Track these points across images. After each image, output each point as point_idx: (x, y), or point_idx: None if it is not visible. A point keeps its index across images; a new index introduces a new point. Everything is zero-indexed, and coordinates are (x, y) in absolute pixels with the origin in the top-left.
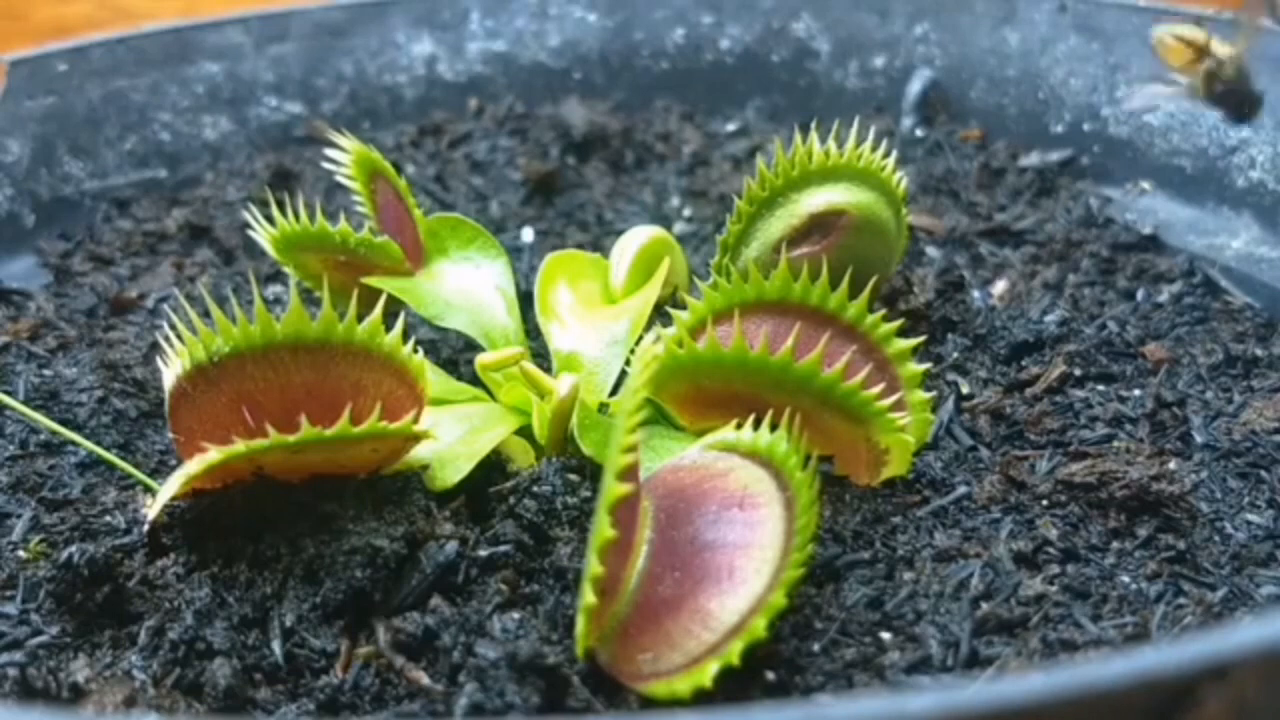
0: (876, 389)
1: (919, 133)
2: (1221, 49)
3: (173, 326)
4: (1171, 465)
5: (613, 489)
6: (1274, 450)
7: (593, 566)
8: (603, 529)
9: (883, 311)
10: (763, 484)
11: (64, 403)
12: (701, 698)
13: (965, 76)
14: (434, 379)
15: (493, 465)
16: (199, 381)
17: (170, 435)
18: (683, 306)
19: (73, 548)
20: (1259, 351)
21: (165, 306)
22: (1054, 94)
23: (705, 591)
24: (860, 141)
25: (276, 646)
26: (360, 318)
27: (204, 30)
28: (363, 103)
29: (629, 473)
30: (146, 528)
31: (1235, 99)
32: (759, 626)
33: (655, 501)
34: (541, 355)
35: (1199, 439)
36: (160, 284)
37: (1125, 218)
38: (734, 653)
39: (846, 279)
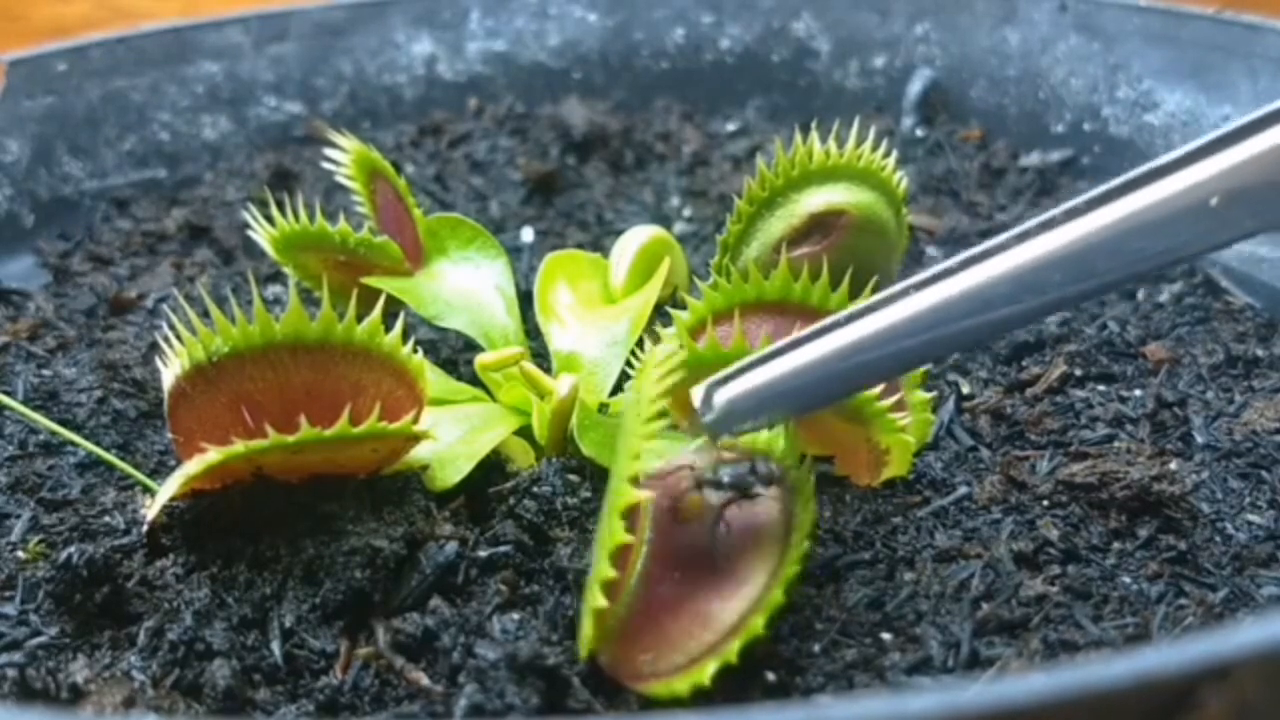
0: (877, 389)
1: (919, 132)
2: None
3: (172, 327)
4: (1172, 466)
5: (625, 493)
6: (1275, 451)
7: (603, 570)
8: (615, 533)
9: None
10: None
11: (63, 403)
12: (700, 696)
13: (966, 76)
14: (433, 379)
15: (492, 466)
16: (198, 382)
17: (169, 435)
18: (683, 306)
19: (72, 548)
20: (1260, 352)
21: (164, 306)
22: (1054, 94)
23: (705, 592)
24: (860, 141)
25: (276, 647)
26: (360, 318)
27: (203, 30)
28: (362, 103)
29: (639, 479)
30: (146, 528)
31: (747, 483)
32: (758, 624)
33: (655, 501)
34: (541, 355)
35: (1200, 439)
36: (159, 284)
37: None
38: (733, 651)
39: (847, 279)
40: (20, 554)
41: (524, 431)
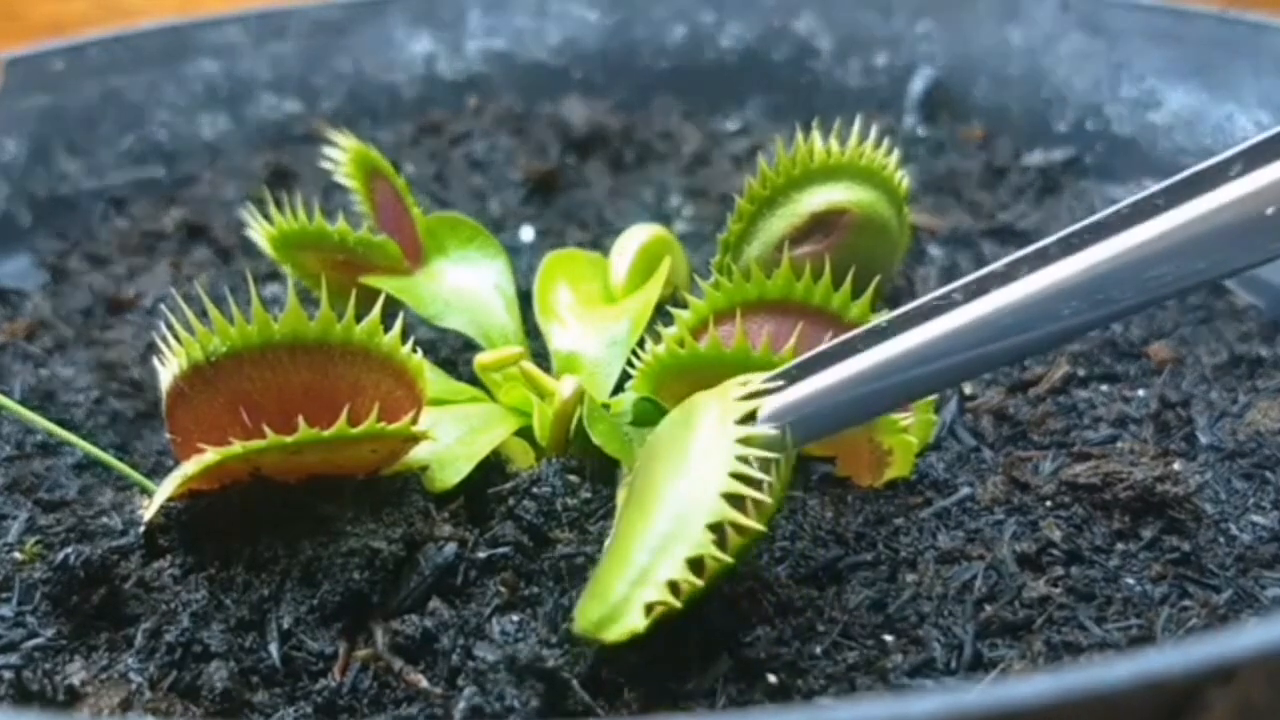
0: None
1: (921, 131)
2: None
3: (170, 327)
4: (1176, 466)
5: (722, 511)
6: (1279, 451)
7: (689, 580)
8: (704, 544)
9: (885, 311)
10: None
11: (60, 403)
12: (703, 696)
13: (968, 75)
14: (433, 379)
15: (492, 466)
16: (196, 382)
17: (167, 436)
18: (684, 306)
19: (69, 549)
20: (1263, 352)
21: (162, 306)
22: (1057, 92)
23: None
24: (862, 140)
25: (274, 649)
26: (358, 318)
27: (202, 28)
28: (361, 101)
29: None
30: (143, 529)
31: None
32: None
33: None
34: (541, 355)
35: (1203, 440)
36: (157, 284)
37: None
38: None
39: (849, 278)
40: (17, 555)
41: (524, 432)
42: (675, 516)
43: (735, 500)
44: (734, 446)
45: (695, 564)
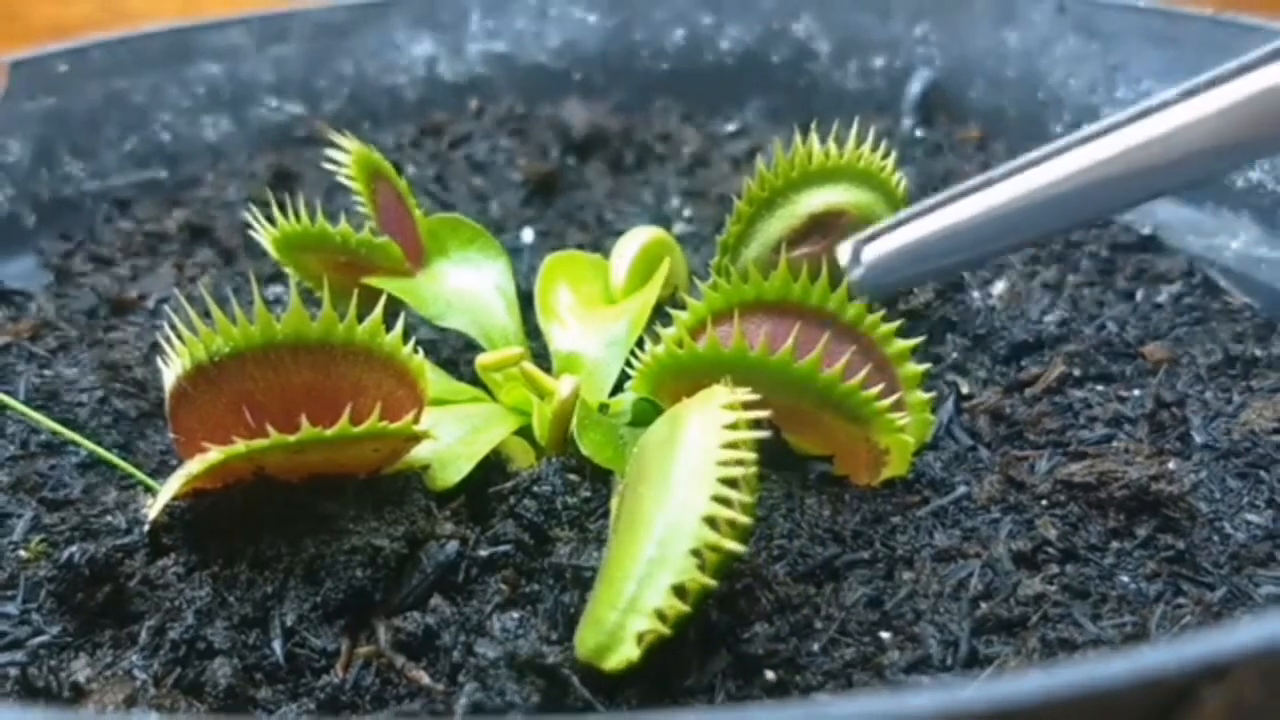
0: (876, 389)
1: (918, 133)
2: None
3: (173, 327)
4: (1171, 465)
5: (703, 535)
6: (1273, 450)
7: (674, 606)
8: (687, 570)
9: (882, 312)
10: None
11: (64, 403)
12: (702, 695)
13: (965, 77)
14: (434, 379)
15: (493, 465)
16: (199, 382)
17: (171, 435)
18: (682, 307)
19: (73, 547)
20: (1258, 352)
21: (166, 307)
22: (1053, 94)
23: None
24: (860, 142)
25: (277, 646)
26: (360, 318)
27: (204, 31)
28: (363, 103)
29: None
30: (147, 528)
31: None
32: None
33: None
34: (541, 355)
35: (1198, 439)
36: (161, 284)
37: (1124, 218)
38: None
39: (846, 279)
40: (22, 553)
41: (524, 431)
42: (660, 542)
43: (716, 523)
44: (715, 469)
45: (679, 589)
